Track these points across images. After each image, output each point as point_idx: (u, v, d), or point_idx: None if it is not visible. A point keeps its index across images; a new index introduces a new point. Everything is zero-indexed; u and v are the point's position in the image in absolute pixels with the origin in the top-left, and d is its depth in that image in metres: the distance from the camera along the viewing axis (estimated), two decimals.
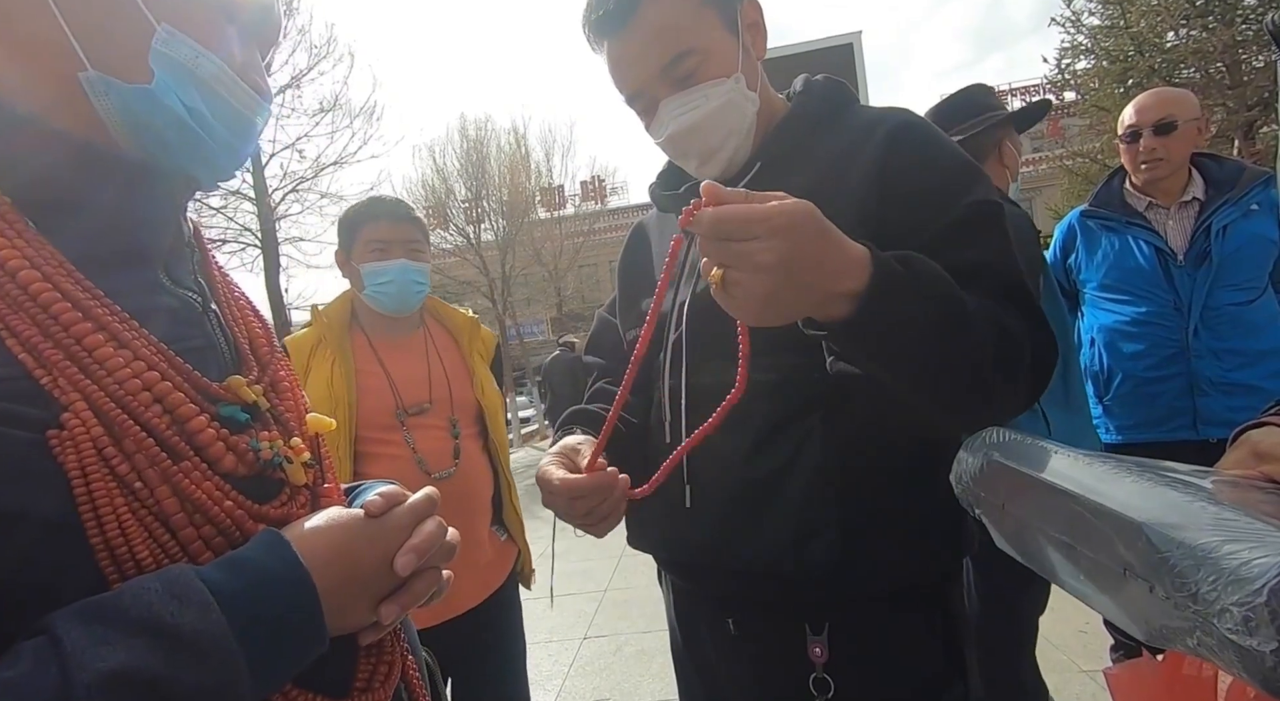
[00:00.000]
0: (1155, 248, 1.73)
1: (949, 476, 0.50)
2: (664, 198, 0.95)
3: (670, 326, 0.86)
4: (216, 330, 0.52)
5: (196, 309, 0.51)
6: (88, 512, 0.38)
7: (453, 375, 1.47)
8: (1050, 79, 12.86)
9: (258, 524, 0.45)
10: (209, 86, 0.47)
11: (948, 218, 0.71)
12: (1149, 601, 0.33)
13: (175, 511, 0.41)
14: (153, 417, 0.41)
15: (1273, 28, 0.45)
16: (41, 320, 0.40)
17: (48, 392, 0.39)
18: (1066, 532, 0.39)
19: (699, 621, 0.91)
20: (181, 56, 0.45)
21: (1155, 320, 1.71)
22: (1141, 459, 0.41)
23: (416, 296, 1.45)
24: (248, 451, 0.46)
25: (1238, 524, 0.31)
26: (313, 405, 1.19)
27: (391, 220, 1.43)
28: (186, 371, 0.45)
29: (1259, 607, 0.28)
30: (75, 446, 0.38)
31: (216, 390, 0.47)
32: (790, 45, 3.14)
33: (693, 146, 0.82)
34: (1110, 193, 1.87)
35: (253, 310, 0.58)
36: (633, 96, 0.83)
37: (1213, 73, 9.97)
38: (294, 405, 0.54)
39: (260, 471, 0.47)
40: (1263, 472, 0.40)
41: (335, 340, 1.39)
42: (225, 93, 0.48)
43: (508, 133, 19.67)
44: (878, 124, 0.79)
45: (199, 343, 0.49)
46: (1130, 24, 10.29)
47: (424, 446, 1.37)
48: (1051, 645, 1.75)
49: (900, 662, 0.77)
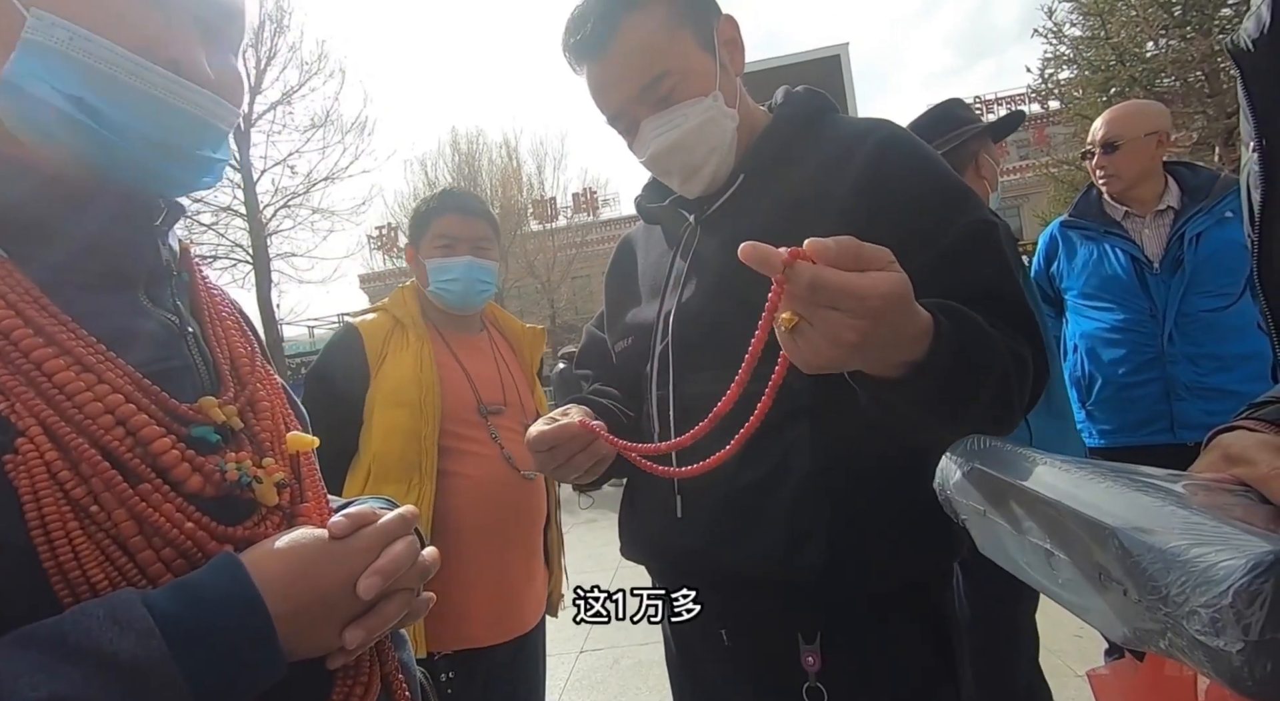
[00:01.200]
0: (1131, 256, 1.77)
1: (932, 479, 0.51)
2: (650, 210, 0.96)
3: (656, 337, 0.87)
4: (194, 351, 0.51)
5: (174, 331, 0.50)
6: (39, 536, 0.38)
7: (520, 382, 1.44)
8: (1034, 88, 13.07)
9: (222, 545, 0.44)
10: (98, 71, 0.42)
11: (948, 237, 0.72)
12: (1124, 604, 0.34)
13: (133, 534, 0.40)
14: (112, 441, 0.41)
15: (1232, 48, 0.47)
16: (1, 346, 0.40)
17: (4, 418, 0.38)
18: (1045, 538, 0.40)
19: (693, 632, 0.91)
20: (53, 39, 0.41)
21: (1132, 327, 1.74)
22: (1118, 464, 0.42)
23: (481, 295, 1.40)
24: (214, 472, 0.45)
25: (1205, 527, 0.32)
26: (396, 388, 1.24)
27: (461, 214, 1.39)
28: (155, 394, 0.45)
29: (1224, 609, 0.28)
30: (28, 470, 0.38)
31: (186, 412, 0.46)
32: (777, 58, 3.16)
33: (675, 164, 0.84)
34: (1089, 202, 1.92)
35: (240, 329, 0.57)
36: (614, 117, 0.84)
37: (1192, 81, 10.16)
38: (272, 424, 0.53)
39: (228, 492, 0.46)
40: (1234, 476, 0.41)
41: (420, 326, 1.34)
42: (131, 79, 0.43)
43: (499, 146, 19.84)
44: (866, 134, 0.80)
45: (176, 364, 0.49)
46: (1111, 35, 10.49)
47: (510, 444, 1.32)
48: (1047, 649, 1.75)
49: (892, 668, 0.77)
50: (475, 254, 1.37)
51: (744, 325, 0.77)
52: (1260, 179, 0.46)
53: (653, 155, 0.83)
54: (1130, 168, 1.79)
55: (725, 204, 0.85)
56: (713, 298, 0.82)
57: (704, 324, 0.82)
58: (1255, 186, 0.46)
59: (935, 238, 0.71)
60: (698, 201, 0.88)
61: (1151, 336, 1.72)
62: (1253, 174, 0.46)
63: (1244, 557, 0.29)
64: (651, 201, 0.96)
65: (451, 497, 1.24)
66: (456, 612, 1.21)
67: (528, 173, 18.99)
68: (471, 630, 1.24)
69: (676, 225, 0.91)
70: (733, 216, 0.84)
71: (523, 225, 18.54)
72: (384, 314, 1.38)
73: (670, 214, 0.92)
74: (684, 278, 0.86)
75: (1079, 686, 2.09)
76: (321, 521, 0.55)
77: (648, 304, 0.92)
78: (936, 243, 0.71)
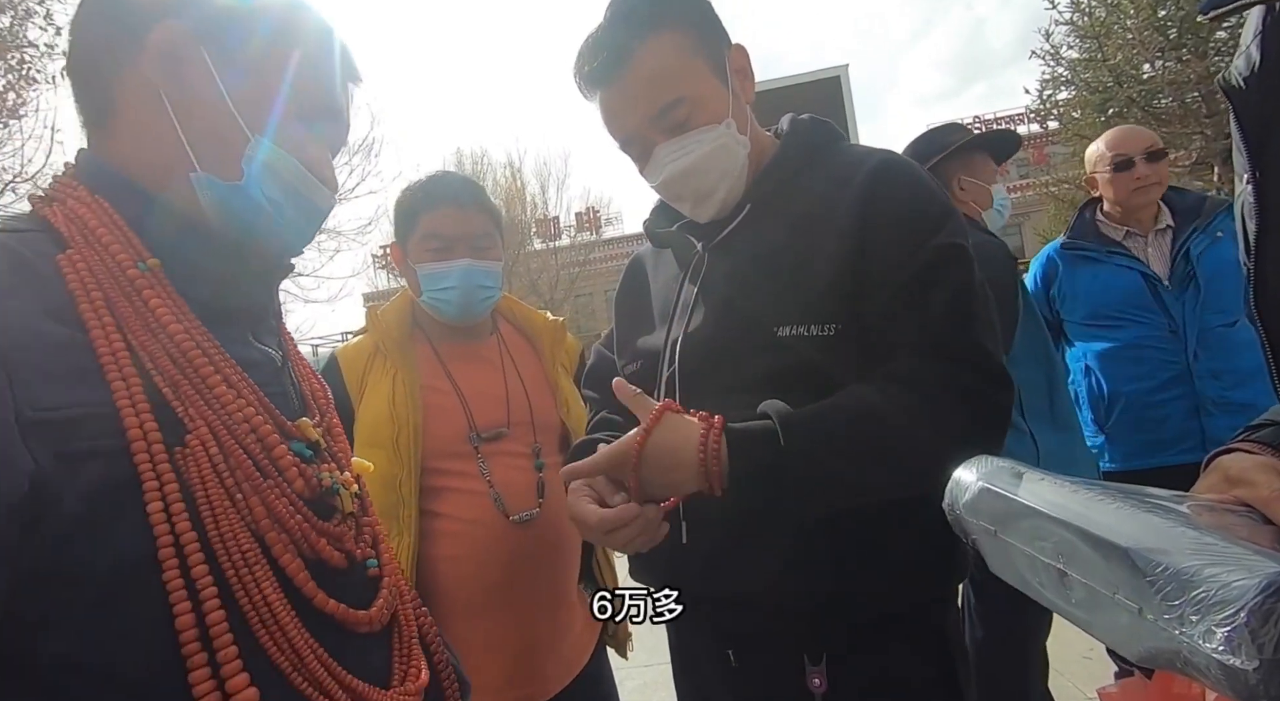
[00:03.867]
0: (1140, 273, 1.77)
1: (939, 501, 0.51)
2: (659, 234, 0.97)
3: (664, 364, 0.87)
4: (289, 383, 0.62)
5: (276, 364, 0.61)
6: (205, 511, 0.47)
7: (533, 391, 1.21)
8: (1033, 109, 13.19)
9: (319, 537, 0.53)
10: (287, 182, 0.57)
11: (914, 264, 0.74)
12: (1137, 623, 0.34)
13: (262, 518, 0.50)
14: (251, 444, 0.51)
15: (1224, 84, 0.48)
16: (180, 362, 0.50)
17: (179, 418, 0.48)
18: (1057, 558, 0.40)
19: (699, 653, 0.90)
20: (270, 160, 0.55)
21: (1153, 343, 1.72)
22: (1125, 485, 0.43)
23: (484, 303, 1.19)
24: (313, 477, 0.55)
25: (1217, 547, 0.33)
26: (372, 428, 1.13)
27: (456, 208, 1.16)
28: (272, 411, 0.55)
29: (1240, 627, 0.29)
30: (196, 461, 0.47)
31: (291, 428, 0.56)
32: (779, 79, 3.21)
33: (687, 190, 0.85)
34: (1085, 225, 1.92)
35: (312, 372, 0.68)
36: (626, 142, 0.86)
37: (1189, 102, 10.26)
38: (343, 448, 0.64)
39: (319, 497, 0.56)
40: (1235, 496, 0.41)
41: (396, 350, 1.16)
42: (299, 186, 0.58)
43: (503, 166, 20.04)
44: (863, 162, 0.82)
45: (277, 391, 0.58)
46: (1108, 57, 10.61)
47: (502, 479, 1.12)
48: (1056, 671, 1.73)
49: (897, 689, 0.77)
50: (474, 255, 1.15)
51: (748, 353, 0.80)
52: (1255, 210, 0.47)
53: (665, 180, 0.84)
54: (1167, 177, 1.79)
55: (732, 232, 0.87)
56: (718, 326, 0.83)
57: (710, 352, 0.83)
58: (1250, 217, 0.48)
59: (905, 266, 0.74)
60: (706, 228, 0.89)
61: (1174, 352, 1.70)
62: (1247, 205, 0.48)
63: (1257, 577, 0.30)
64: (660, 226, 0.97)
65: (437, 545, 1.08)
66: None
67: (531, 192, 19.22)
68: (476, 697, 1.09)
69: (685, 250, 0.93)
70: (739, 245, 0.86)
71: (526, 244, 18.66)
72: (368, 335, 1.21)
73: (679, 239, 0.94)
74: (691, 305, 0.87)
75: None
76: (378, 532, 0.64)
77: (657, 329, 0.92)
78: (904, 271, 0.74)
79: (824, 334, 0.75)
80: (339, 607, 0.52)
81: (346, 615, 0.53)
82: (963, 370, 0.71)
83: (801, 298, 0.77)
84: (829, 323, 0.75)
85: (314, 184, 0.59)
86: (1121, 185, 1.82)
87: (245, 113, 0.55)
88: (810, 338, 0.75)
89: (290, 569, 0.50)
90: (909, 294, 0.73)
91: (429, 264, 1.15)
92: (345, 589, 0.55)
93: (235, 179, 0.54)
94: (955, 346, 0.72)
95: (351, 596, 0.55)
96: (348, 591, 0.55)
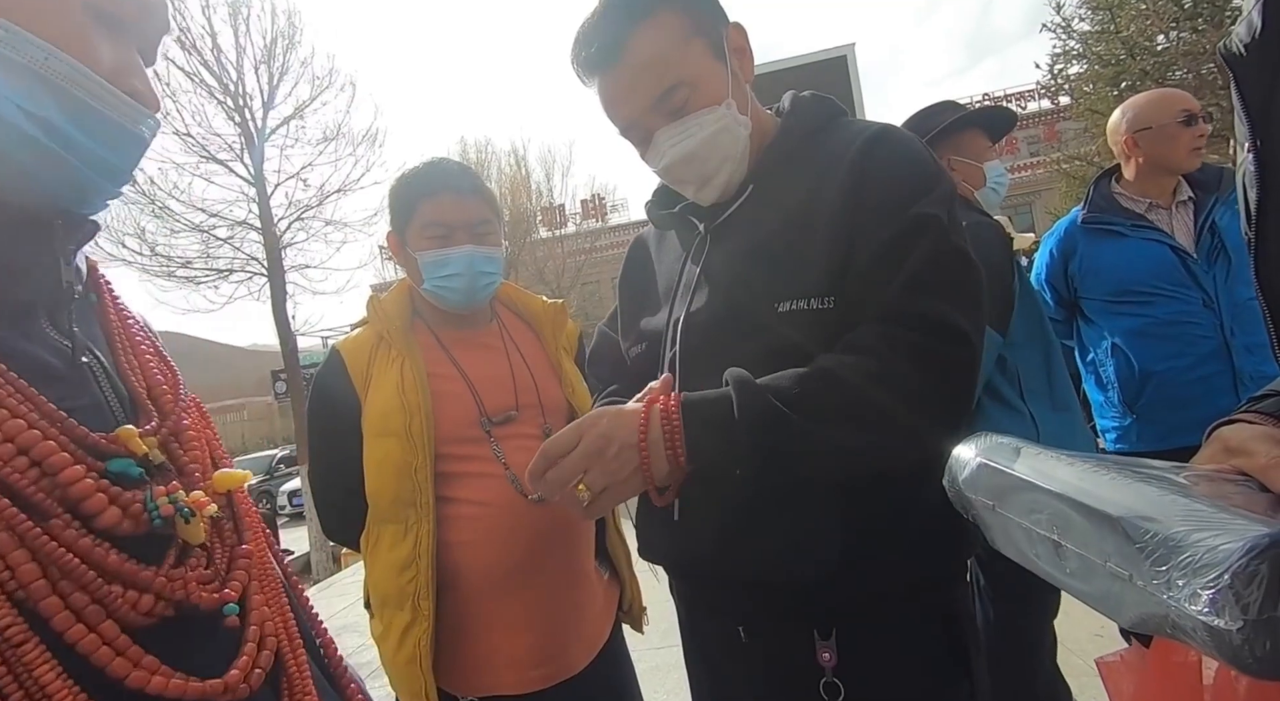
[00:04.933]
0: (1169, 247, 1.70)
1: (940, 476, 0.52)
2: (661, 216, 0.98)
3: (666, 344, 0.88)
4: (104, 382, 0.46)
5: (68, 358, 0.45)
6: None
7: (539, 374, 1.22)
8: (1044, 84, 12.96)
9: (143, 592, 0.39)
10: (67, 92, 0.40)
11: (888, 234, 0.74)
12: (1129, 590, 0.35)
13: (32, 578, 0.35)
14: (12, 473, 0.36)
15: (1224, 52, 0.48)
16: None
17: None
18: (1052, 530, 0.41)
19: (709, 630, 0.92)
20: (25, 57, 0.38)
21: (1187, 319, 1.66)
22: (1122, 457, 0.43)
23: (486, 290, 1.19)
24: (134, 505, 0.40)
25: (1205, 514, 0.34)
26: (382, 418, 1.11)
27: (455, 195, 1.15)
28: (62, 420, 0.40)
29: (1224, 589, 0.30)
30: None
31: (99, 442, 0.41)
32: (786, 59, 3.17)
33: (690, 173, 0.85)
34: (1104, 198, 1.85)
35: (158, 354, 0.53)
36: (626, 129, 0.86)
37: (1205, 73, 10.02)
38: (200, 457, 0.49)
39: (150, 529, 0.41)
40: (1234, 466, 0.42)
41: (400, 339, 1.16)
42: (92, 100, 0.41)
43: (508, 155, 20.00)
44: (860, 133, 0.82)
45: (81, 399, 0.44)
46: (1120, 28, 10.39)
47: (517, 461, 1.11)
48: (1067, 649, 1.75)
49: (908, 663, 0.79)
50: (477, 242, 1.15)
51: (750, 331, 0.81)
52: (1256, 179, 0.47)
53: (667, 166, 0.84)
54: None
55: (734, 214, 0.87)
56: (719, 305, 0.83)
57: (711, 330, 0.83)
58: (1251, 186, 0.48)
59: (881, 231, 0.74)
60: (708, 210, 0.89)
61: (1209, 327, 1.64)
62: (1249, 174, 0.48)
63: (1241, 540, 0.30)
64: (662, 208, 0.97)
65: (456, 531, 1.09)
66: (477, 661, 1.09)
67: (536, 180, 19.12)
68: (501, 676, 1.10)
69: (688, 232, 0.93)
70: (741, 226, 0.86)
71: (532, 232, 18.64)
72: (369, 327, 1.20)
73: (681, 221, 0.94)
74: (694, 286, 0.87)
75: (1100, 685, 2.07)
76: (263, 562, 0.50)
77: (661, 310, 0.93)
78: (881, 237, 0.74)
79: (823, 306, 0.76)
80: (167, 682, 0.38)
81: (180, 690, 0.38)
82: (913, 332, 0.71)
83: (800, 272, 0.77)
84: (826, 295, 0.76)
85: (113, 94, 0.42)
86: (1183, 144, 1.71)
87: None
88: (810, 311, 0.76)
89: (83, 644, 0.36)
90: (882, 263, 0.74)
91: (431, 252, 1.14)
92: (204, 651, 0.41)
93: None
94: (911, 312, 0.72)
95: (209, 660, 0.41)
96: (205, 654, 0.41)
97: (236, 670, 0.41)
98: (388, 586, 1.09)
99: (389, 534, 1.11)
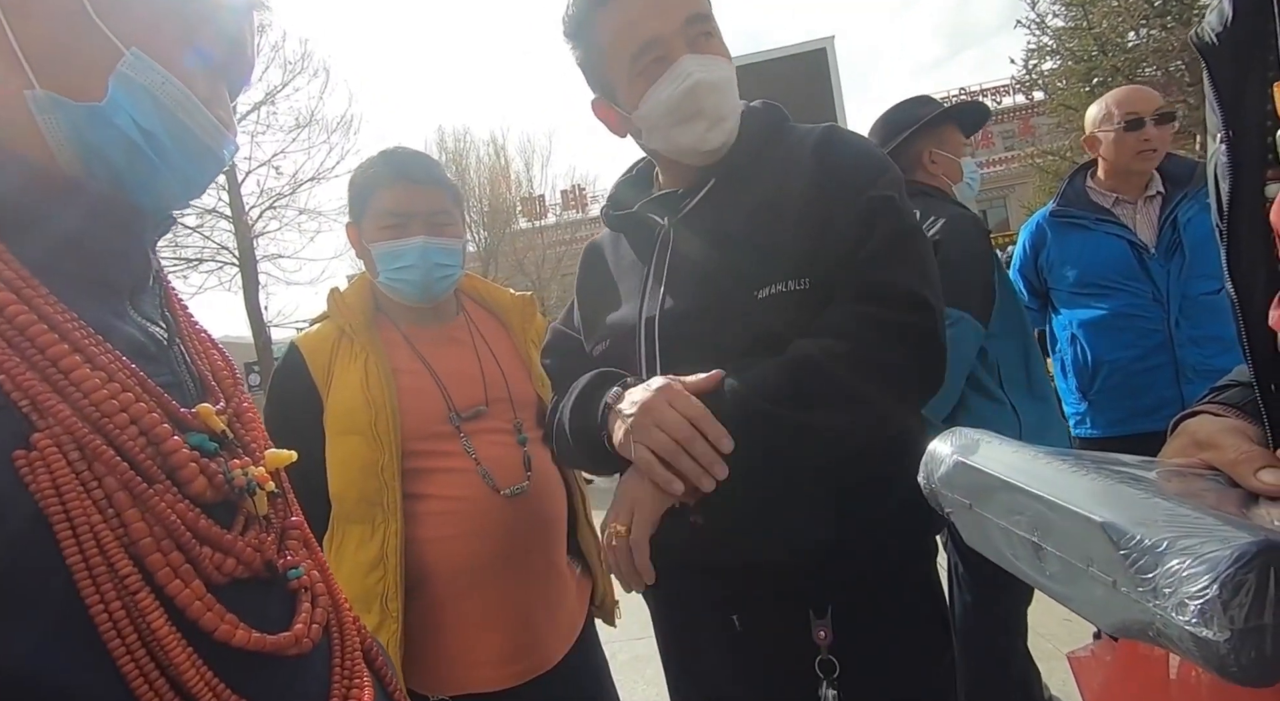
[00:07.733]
0: (1128, 242, 1.77)
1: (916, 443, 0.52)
2: (617, 218, 0.97)
3: (640, 340, 0.87)
4: (181, 364, 0.51)
5: (162, 342, 0.50)
6: (65, 533, 0.37)
7: (508, 369, 1.19)
8: (1019, 79, 13.15)
9: (228, 551, 0.43)
10: (171, 112, 0.46)
11: (852, 216, 0.79)
12: (1112, 596, 0.34)
13: (143, 536, 0.39)
14: (128, 441, 0.40)
15: (1197, 41, 0.47)
16: (16, 340, 0.38)
17: (21, 412, 0.37)
18: (1032, 532, 0.40)
19: (698, 623, 0.91)
20: (147, 80, 0.45)
21: (1137, 312, 1.73)
22: (1097, 453, 0.43)
23: (443, 283, 1.15)
24: (218, 476, 0.45)
25: (1189, 519, 0.33)
26: (346, 415, 1.09)
27: (409, 184, 1.11)
28: (159, 395, 0.44)
29: (1212, 599, 0.29)
30: (47, 467, 0.37)
31: (187, 417, 0.46)
32: (764, 52, 3.15)
33: (709, 104, 0.82)
34: (1075, 191, 1.90)
35: (213, 343, 0.57)
36: (646, 46, 0.82)
37: (1173, 70, 10.25)
38: (257, 436, 0.53)
39: (227, 498, 0.46)
40: (1202, 460, 0.42)
41: (362, 334, 1.12)
42: (188, 120, 0.48)
43: (486, 144, 19.78)
44: (807, 135, 0.87)
45: (165, 372, 0.48)
46: (1093, 25, 10.57)
47: (488, 456, 1.10)
48: (1038, 634, 1.78)
49: (902, 635, 0.81)
50: (431, 232, 1.11)
51: (730, 319, 0.80)
52: (1228, 170, 0.46)
53: (692, 87, 0.81)
54: (1168, 143, 1.77)
55: (698, 204, 0.88)
56: (697, 296, 0.83)
57: (691, 322, 0.83)
58: (1223, 177, 0.47)
59: (846, 214, 0.79)
60: (670, 202, 0.89)
61: (1157, 321, 1.71)
62: (1220, 165, 0.47)
63: (1228, 549, 0.30)
64: (619, 209, 0.96)
65: (426, 527, 1.06)
66: (450, 659, 1.07)
67: (516, 170, 18.95)
68: (475, 673, 1.08)
69: (649, 230, 0.92)
70: (707, 216, 0.87)
71: (512, 223, 18.48)
72: (330, 321, 1.15)
73: (641, 219, 0.93)
74: (664, 279, 0.86)
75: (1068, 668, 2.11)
76: (307, 535, 0.54)
77: (626, 307, 0.92)
78: (846, 220, 0.79)
79: (800, 287, 0.78)
80: (249, 636, 0.42)
81: (260, 643, 0.43)
82: (881, 307, 0.75)
83: (776, 257, 0.80)
84: (802, 277, 0.78)
85: (206, 117, 0.48)
86: (1128, 146, 1.75)
87: (112, 20, 0.44)
88: (788, 293, 0.78)
89: (181, 598, 0.40)
90: (847, 245, 0.78)
91: (384, 243, 1.11)
92: (267, 608, 0.46)
93: (94, 97, 0.43)
94: (873, 288, 0.76)
95: (275, 615, 0.46)
96: (269, 610, 0.46)
97: (301, 624, 0.46)
98: (355, 587, 1.06)
99: (355, 534, 1.08)
